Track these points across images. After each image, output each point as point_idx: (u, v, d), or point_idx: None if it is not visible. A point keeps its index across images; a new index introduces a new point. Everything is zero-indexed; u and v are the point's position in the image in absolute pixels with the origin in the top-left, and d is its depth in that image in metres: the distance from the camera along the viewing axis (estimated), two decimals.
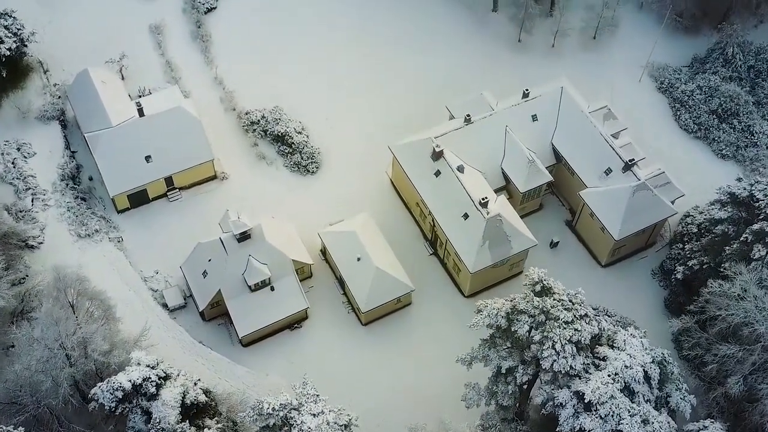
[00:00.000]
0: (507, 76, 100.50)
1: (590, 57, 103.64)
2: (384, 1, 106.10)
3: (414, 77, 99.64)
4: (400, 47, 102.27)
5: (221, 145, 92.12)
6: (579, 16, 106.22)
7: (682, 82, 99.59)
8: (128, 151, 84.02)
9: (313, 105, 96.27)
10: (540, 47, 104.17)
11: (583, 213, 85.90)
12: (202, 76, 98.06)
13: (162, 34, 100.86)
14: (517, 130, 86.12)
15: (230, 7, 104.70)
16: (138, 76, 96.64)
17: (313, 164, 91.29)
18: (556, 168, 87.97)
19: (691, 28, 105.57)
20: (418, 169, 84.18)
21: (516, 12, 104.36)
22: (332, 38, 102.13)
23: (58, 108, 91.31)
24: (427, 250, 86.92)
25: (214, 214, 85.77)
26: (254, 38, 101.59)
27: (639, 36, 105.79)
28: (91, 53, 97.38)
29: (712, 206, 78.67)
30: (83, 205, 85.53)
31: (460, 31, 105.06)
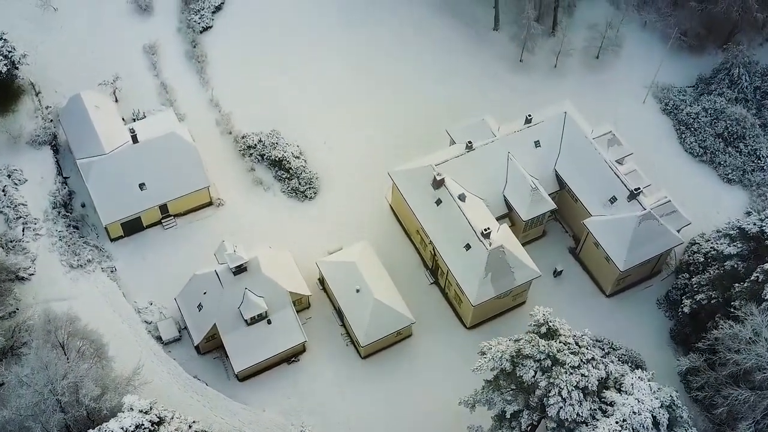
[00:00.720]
0: (508, 97, 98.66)
1: (593, 77, 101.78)
2: (383, 22, 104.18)
3: (414, 98, 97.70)
4: (400, 67, 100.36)
5: (217, 170, 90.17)
6: (581, 36, 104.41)
7: (687, 104, 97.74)
8: (121, 178, 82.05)
9: (311, 128, 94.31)
10: (542, 67, 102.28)
11: (587, 241, 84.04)
12: (197, 98, 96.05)
13: (156, 55, 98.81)
14: (520, 157, 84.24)
15: (226, 27, 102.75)
16: (132, 98, 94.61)
17: (311, 189, 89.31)
18: (560, 194, 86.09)
19: (696, 47, 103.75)
20: (418, 197, 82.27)
21: (517, 31, 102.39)
22: (330, 59, 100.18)
23: (50, 132, 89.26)
24: (427, 278, 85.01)
25: (210, 243, 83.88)
26: (251, 58, 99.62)
27: (643, 55, 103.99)
28: (84, 74, 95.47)
29: (720, 241, 76.65)
30: (75, 234, 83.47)
31: (461, 50, 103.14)
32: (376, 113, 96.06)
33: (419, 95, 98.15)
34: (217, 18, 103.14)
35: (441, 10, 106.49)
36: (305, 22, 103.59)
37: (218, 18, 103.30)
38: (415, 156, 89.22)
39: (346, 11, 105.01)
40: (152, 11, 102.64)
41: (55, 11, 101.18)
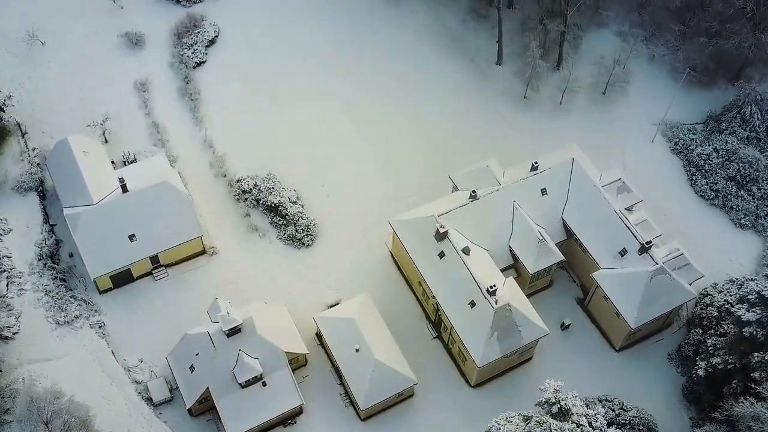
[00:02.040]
0: (513, 136, 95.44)
1: (600, 114, 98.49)
2: (382, 58, 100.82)
3: (415, 138, 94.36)
4: (400, 105, 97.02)
5: (210, 215, 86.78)
6: (588, 71, 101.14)
7: (698, 144, 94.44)
8: (110, 230, 78.51)
9: (308, 170, 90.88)
10: (547, 104, 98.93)
11: (596, 294, 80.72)
12: (190, 138, 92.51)
13: (148, 92, 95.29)
14: (526, 205, 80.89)
15: (220, 61, 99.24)
16: (122, 139, 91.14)
17: (309, 237, 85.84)
18: (567, 243, 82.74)
19: (706, 82, 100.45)
20: (420, 249, 78.86)
21: (521, 65, 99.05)
22: (328, 96, 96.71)
23: (36, 178, 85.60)
24: (430, 332, 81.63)
25: (203, 294, 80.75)
26: (246, 96, 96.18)
27: (651, 90, 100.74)
28: (73, 113, 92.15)
29: (738, 306, 73.18)
30: (62, 287, 79.84)
31: (463, 86, 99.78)
32: (376, 154, 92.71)
33: (421, 135, 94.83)
34: (210, 52, 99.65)
35: (443, 45, 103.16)
36: (302, 57, 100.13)
37: (212, 52, 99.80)
38: (417, 201, 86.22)
39: (344, 47, 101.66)
40: (143, 45, 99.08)
41: (42, 45, 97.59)
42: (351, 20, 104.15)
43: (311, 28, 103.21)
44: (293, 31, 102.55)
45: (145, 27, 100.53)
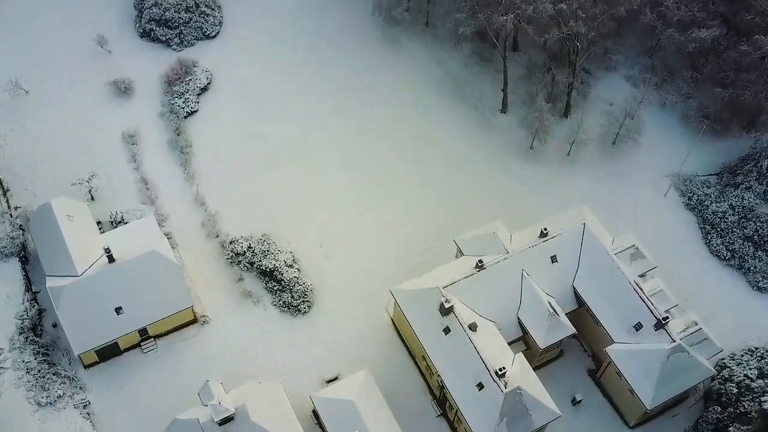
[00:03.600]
0: (519, 191, 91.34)
1: (610, 166, 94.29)
2: (382, 107, 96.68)
3: (416, 191, 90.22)
4: (400, 157, 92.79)
5: (202, 280, 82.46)
6: (596, 120, 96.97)
7: (713, 200, 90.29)
8: (96, 304, 74.16)
9: (305, 229, 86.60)
10: (555, 155, 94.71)
11: (609, 368, 76.52)
12: (181, 195, 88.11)
13: (137, 144, 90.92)
14: (535, 274, 76.72)
15: (213, 111, 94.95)
16: (110, 196, 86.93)
17: (306, 303, 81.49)
18: (578, 312, 78.51)
19: (719, 130, 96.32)
20: (424, 323, 74.57)
21: (526, 113, 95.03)
22: (325, 150, 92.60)
23: (18, 242, 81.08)
24: (434, 410, 77.34)
25: (194, 368, 76.76)
26: (240, 148, 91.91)
27: (662, 140, 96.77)
28: (58, 168, 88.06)
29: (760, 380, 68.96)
30: (45, 364, 75.26)
31: (467, 136, 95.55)
32: (376, 210, 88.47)
33: (423, 189, 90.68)
34: (202, 101, 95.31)
35: (445, 91, 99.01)
36: (299, 106, 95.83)
37: (204, 101, 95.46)
38: (419, 263, 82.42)
39: (343, 93, 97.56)
40: (132, 93, 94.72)
41: (26, 94, 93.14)
42: (350, 65, 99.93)
43: (309, 73, 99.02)
44: (290, 77, 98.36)
45: (134, 73, 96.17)
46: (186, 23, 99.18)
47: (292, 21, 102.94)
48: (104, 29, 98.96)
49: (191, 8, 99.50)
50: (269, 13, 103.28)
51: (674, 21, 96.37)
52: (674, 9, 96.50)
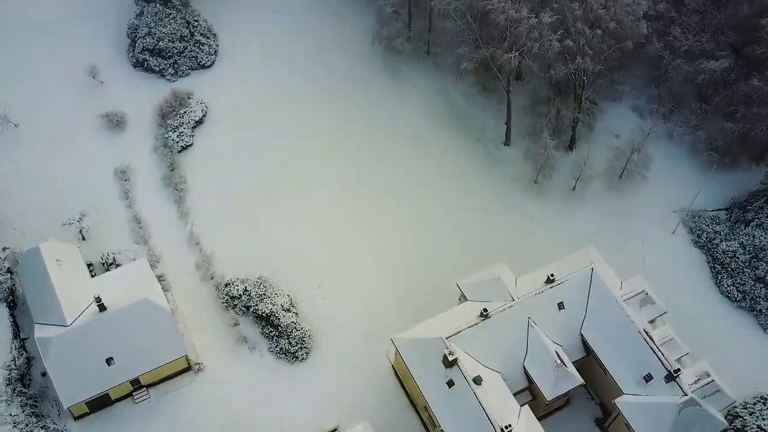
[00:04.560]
0: (523, 227, 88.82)
1: (617, 202, 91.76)
2: (383, 139, 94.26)
3: (418, 228, 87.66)
4: (401, 192, 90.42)
5: (196, 324, 79.79)
6: (602, 153, 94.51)
7: (723, 238, 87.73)
8: (86, 354, 71.45)
9: (303, 270, 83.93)
10: (559, 190, 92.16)
11: (618, 419, 73.86)
12: (175, 234, 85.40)
13: (129, 181, 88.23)
14: (542, 321, 74.05)
15: (208, 145, 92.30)
16: (102, 236, 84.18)
17: (303, 350, 78.77)
18: (586, 360, 75.86)
19: (729, 164, 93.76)
20: (427, 374, 71.76)
21: (530, 145, 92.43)
22: (324, 187, 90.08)
23: (6, 287, 78.20)
24: None
25: (188, 419, 74.21)
26: (236, 184, 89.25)
27: (670, 173, 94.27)
28: (49, 206, 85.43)
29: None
30: (33, 417, 72.38)
31: (469, 169, 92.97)
32: (377, 250, 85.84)
33: (424, 226, 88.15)
34: (198, 134, 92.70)
35: (447, 123, 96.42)
36: (296, 139, 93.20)
37: (199, 134, 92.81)
38: (421, 307, 79.80)
39: (343, 125, 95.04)
40: (125, 127, 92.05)
41: (15, 127, 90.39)
42: (350, 95, 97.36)
43: (307, 104, 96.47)
44: (288, 108, 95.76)
45: (128, 105, 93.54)
46: (180, 53, 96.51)
47: (289, 49, 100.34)
48: (96, 59, 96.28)
49: (186, 37, 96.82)
50: (266, 41, 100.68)
51: (682, 51, 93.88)
52: (682, 39, 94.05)
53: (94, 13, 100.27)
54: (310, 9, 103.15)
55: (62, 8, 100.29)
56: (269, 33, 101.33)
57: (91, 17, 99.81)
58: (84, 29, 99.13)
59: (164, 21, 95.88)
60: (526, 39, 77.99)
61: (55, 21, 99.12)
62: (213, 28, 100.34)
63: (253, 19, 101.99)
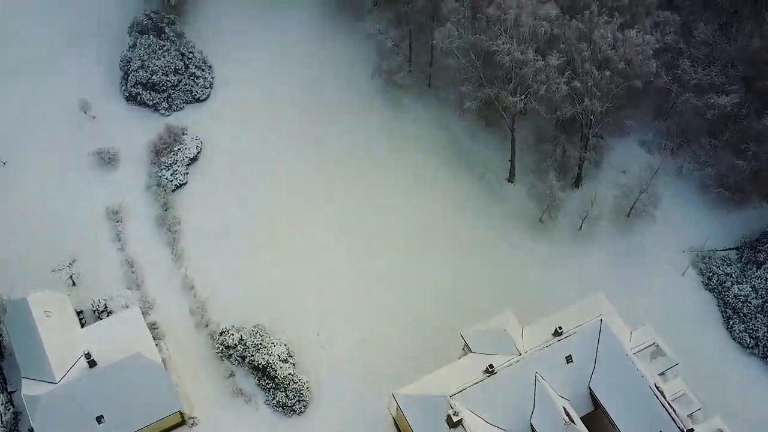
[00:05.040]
0: (528, 267, 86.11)
1: (625, 242, 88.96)
2: (383, 176, 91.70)
3: (418, 272, 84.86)
4: (402, 232, 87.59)
5: (190, 375, 76.97)
6: (610, 190, 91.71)
7: (734, 281, 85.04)
8: (75, 413, 68.70)
9: (302, 315, 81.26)
10: (565, 229, 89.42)
11: None
12: (168, 279, 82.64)
13: (121, 222, 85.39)
14: (549, 376, 71.24)
15: (203, 183, 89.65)
16: (92, 281, 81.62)
17: (301, 403, 75.95)
18: (595, 414, 73.09)
19: (739, 201, 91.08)
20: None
21: (535, 182, 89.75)
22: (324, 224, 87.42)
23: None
24: None
25: None
26: (232, 225, 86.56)
27: (679, 211, 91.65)
28: (37, 250, 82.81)
29: None
30: None
31: (472, 206, 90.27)
32: (377, 294, 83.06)
33: (426, 268, 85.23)
34: (192, 172, 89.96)
35: (449, 159, 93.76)
36: (294, 177, 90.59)
37: (193, 172, 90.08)
38: (423, 356, 77.05)
39: (342, 163, 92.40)
40: (117, 164, 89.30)
41: (3, 165, 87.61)
42: (349, 131, 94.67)
43: (305, 138, 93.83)
44: (285, 143, 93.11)
45: (120, 141, 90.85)
46: (174, 86, 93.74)
47: (287, 82, 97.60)
48: (88, 92, 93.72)
49: (180, 70, 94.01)
50: (263, 74, 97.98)
51: (691, 84, 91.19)
52: (691, 72, 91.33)
53: (85, 45, 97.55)
54: (308, 40, 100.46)
55: (52, 40, 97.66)
56: (266, 65, 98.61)
57: (82, 49, 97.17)
58: (76, 61, 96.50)
59: (158, 53, 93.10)
60: (532, 81, 75.13)
61: (46, 54, 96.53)
62: (208, 60, 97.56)
63: (250, 51, 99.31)
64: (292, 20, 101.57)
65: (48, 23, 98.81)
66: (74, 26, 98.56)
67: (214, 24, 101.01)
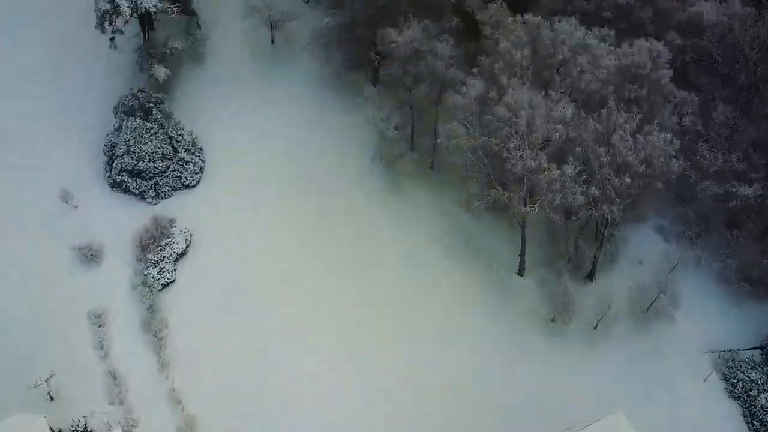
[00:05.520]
0: (539, 372, 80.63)
1: (642, 342, 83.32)
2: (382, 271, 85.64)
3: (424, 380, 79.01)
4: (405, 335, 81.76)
5: None
6: (625, 284, 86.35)
7: (760, 388, 79.75)
8: None
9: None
10: (579, 329, 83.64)
11: None
12: (154, 391, 76.82)
13: (104, 327, 79.76)
14: None
15: (192, 281, 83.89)
16: (73, 395, 75.76)
17: None
18: None
19: (763, 295, 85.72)
20: None
21: (546, 275, 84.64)
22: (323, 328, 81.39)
23: None
24: None
25: None
26: (223, 327, 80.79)
27: (699, 305, 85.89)
28: (11, 363, 76.76)
29: None
30: None
31: (479, 303, 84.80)
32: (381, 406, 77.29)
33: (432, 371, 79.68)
34: (180, 268, 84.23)
35: (455, 249, 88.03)
36: (291, 271, 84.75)
37: (182, 268, 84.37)
38: None
39: (342, 254, 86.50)
40: (100, 261, 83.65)
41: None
42: (348, 220, 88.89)
43: (301, 226, 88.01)
44: (280, 232, 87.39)
45: (104, 234, 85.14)
46: (162, 172, 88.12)
47: (282, 165, 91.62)
48: (70, 177, 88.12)
49: (168, 155, 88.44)
50: (256, 155, 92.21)
51: (711, 172, 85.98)
52: (711, 158, 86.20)
53: (68, 127, 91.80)
54: (305, 119, 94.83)
55: (33, 121, 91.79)
56: (260, 145, 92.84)
57: (65, 131, 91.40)
58: (57, 144, 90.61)
59: (144, 137, 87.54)
60: (546, 191, 69.70)
61: (26, 136, 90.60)
62: (198, 141, 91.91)
63: (242, 130, 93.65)
64: (288, 97, 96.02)
65: (27, 103, 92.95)
66: (56, 106, 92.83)
67: (205, 101, 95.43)
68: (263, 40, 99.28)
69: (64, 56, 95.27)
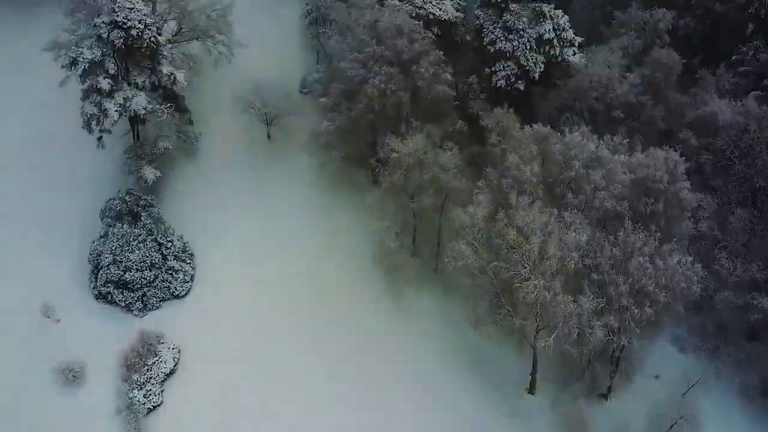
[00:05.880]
0: None
1: None
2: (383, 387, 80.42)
3: None
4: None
5: None
6: (641, 402, 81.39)
7: None
8: None
9: None
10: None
11: None
12: None
13: None
14: None
15: (181, 403, 78.40)
16: None
17: None
18: None
19: None
20: None
21: (558, 394, 79.47)
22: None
23: None
24: None
25: None
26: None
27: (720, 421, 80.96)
28: None
29: None
30: None
31: (486, 424, 79.37)
32: None
33: None
34: (168, 389, 78.88)
35: (460, 363, 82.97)
36: (287, 386, 79.59)
37: (170, 388, 79.04)
38: None
39: (340, 371, 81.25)
40: (83, 382, 78.37)
41: None
42: (347, 330, 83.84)
43: (298, 338, 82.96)
44: (275, 349, 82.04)
45: (87, 351, 79.67)
46: (150, 282, 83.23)
47: (277, 268, 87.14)
48: (52, 288, 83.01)
49: (157, 263, 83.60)
50: (249, 261, 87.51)
51: (731, 282, 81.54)
52: (729, 267, 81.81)
53: (51, 232, 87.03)
54: (301, 221, 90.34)
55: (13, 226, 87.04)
56: (253, 250, 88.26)
57: (47, 238, 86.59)
58: (39, 252, 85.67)
59: (132, 245, 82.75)
60: (562, 325, 65.00)
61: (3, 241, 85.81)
62: (189, 247, 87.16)
63: (235, 233, 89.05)
64: (282, 197, 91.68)
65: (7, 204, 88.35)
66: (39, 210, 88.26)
67: (197, 201, 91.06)
68: (259, 136, 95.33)
69: (47, 156, 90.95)
